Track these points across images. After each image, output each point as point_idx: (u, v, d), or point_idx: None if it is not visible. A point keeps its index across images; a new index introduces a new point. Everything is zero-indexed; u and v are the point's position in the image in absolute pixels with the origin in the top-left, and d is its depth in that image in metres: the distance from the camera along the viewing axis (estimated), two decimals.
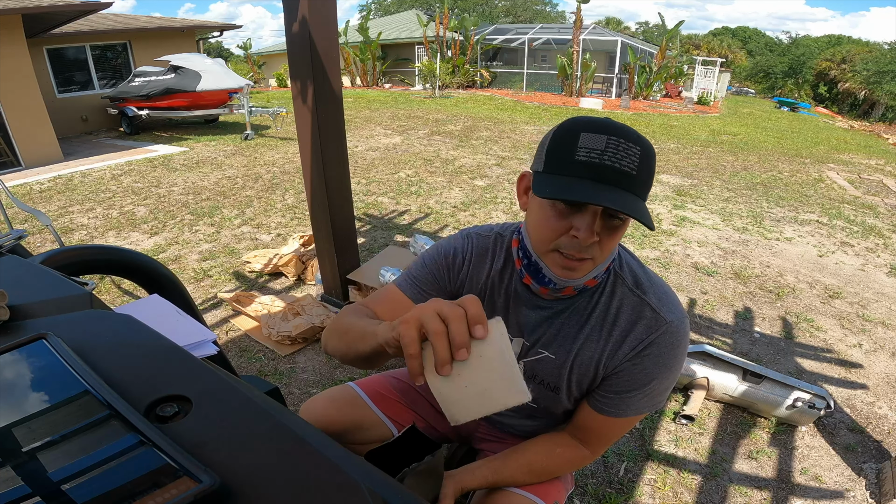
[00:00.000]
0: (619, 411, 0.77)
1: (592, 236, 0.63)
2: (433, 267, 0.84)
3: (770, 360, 2.31)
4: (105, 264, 0.96)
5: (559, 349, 0.79)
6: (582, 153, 0.61)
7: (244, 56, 22.70)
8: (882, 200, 5.28)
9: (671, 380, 0.76)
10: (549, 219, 0.66)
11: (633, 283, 0.76)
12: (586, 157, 0.61)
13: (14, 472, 0.26)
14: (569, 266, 0.68)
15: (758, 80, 31.97)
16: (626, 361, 0.74)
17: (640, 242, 3.66)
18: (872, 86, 21.55)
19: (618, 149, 0.60)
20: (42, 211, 3.64)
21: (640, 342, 0.73)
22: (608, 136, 0.61)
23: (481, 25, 18.60)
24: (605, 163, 0.60)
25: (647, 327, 0.73)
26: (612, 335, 0.75)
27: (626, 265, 0.78)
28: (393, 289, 0.84)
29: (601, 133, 0.61)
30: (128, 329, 0.43)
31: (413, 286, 0.83)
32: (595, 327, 0.76)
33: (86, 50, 9.02)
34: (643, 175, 0.62)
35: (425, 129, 8.49)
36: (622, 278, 0.76)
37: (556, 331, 0.79)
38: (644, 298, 0.74)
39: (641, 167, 0.61)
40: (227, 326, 2.44)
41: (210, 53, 16.38)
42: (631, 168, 0.60)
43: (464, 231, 0.87)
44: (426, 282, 0.84)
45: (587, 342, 0.77)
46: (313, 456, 0.27)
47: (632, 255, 0.81)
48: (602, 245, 0.66)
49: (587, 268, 0.69)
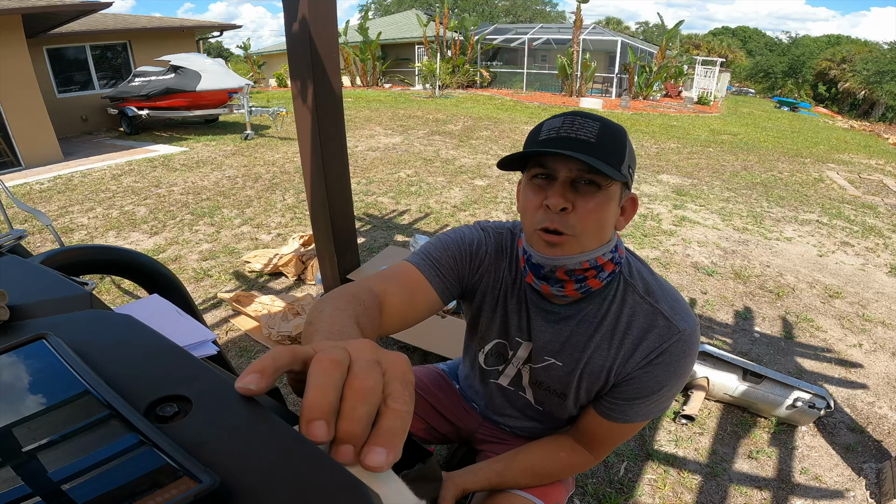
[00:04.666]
0: (626, 417, 0.76)
1: (563, 201, 0.65)
2: (456, 252, 0.79)
3: (770, 360, 2.31)
4: (105, 264, 0.95)
5: (568, 357, 0.78)
6: (543, 134, 0.67)
7: (244, 56, 22.70)
8: (882, 200, 5.28)
9: (679, 386, 0.76)
10: (528, 198, 0.70)
11: (645, 290, 0.75)
12: (546, 135, 0.66)
13: (14, 472, 0.26)
14: (551, 241, 0.67)
15: (758, 79, 31.98)
16: (639, 369, 0.73)
17: (639, 242, 3.66)
18: (872, 86, 21.56)
19: (573, 123, 0.65)
20: (42, 211, 3.63)
21: (653, 350, 0.72)
22: (565, 116, 0.67)
23: (481, 25, 18.60)
24: (562, 135, 0.65)
25: (661, 336, 0.72)
26: (623, 343, 0.74)
27: (636, 272, 0.77)
28: (408, 266, 0.76)
29: (561, 116, 0.67)
30: (128, 329, 0.43)
31: (432, 268, 0.76)
32: (606, 335, 0.75)
33: (86, 50, 9.02)
34: (604, 143, 0.64)
35: (425, 128, 8.49)
36: (633, 286, 0.75)
37: (566, 338, 0.78)
38: (656, 306, 0.73)
39: (601, 136, 0.64)
40: (227, 326, 2.44)
41: (210, 53, 16.40)
42: (588, 137, 0.64)
43: (479, 223, 0.84)
44: (447, 266, 0.77)
45: (598, 350, 0.76)
46: (313, 456, 0.27)
47: (642, 262, 0.80)
48: (580, 215, 0.66)
49: (572, 245, 0.67)
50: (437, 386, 1.08)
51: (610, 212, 0.68)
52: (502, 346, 0.86)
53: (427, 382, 1.08)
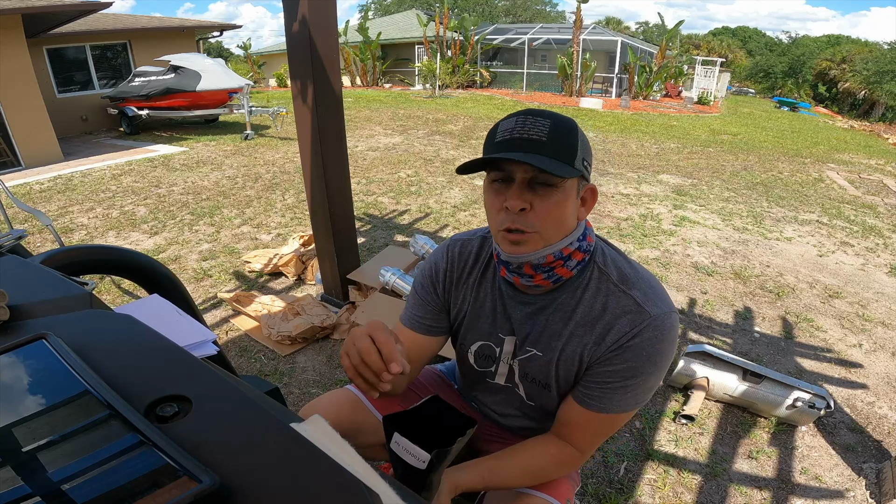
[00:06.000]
0: (602, 406, 0.77)
1: (521, 202, 0.68)
2: (422, 293, 0.90)
3: (770, 360, 2.31)
4: (105, 264, 0.95)
5: (546, 346, 0.80)
6: (499, 135, 0.69)
7: (244, 56, 22.69)
8: (882, 200, 5.28)
9: (657, 376, 0.76)
10: (490, 200, 0.73)
11: (619, 278, 0.76)
12: (501, 136, 0.69)
13: (14, 472, 0.26)
14: (514, 240, 0.71)
15: (758, 79, 31.98)
16: (610, 353, 0.75)
17: (640, 242, 3.66)
18: (872, 86, 21.56)
19: (525, 123, 0.68)
20: (42, 211, 3.64)
21: (624, 335, 0.73)
22: (518, 116, 0.69)
23: (481, 25, 18.60)
24: (515, 136, 0.67)
25: (631, 321, 0.73)
26: (594, 329, 0.76)
27: (610, 261, 0.79)
28: (400, 327, 0.92)
29: (514, 116, 0.69)
30: (128, 329, 0.43)
31: (412, 320, 0.90)
32: (580, 324, 0.77)
33: (86, 50, 9.01)
34: (554, 140, 0.67)
35: (425, 128, 8.49)
36: (607, 274, 0.77)
37: (542, 327, 0.80)
38: (629, 293, 0.75)
39: (551, 134, 0.67)
40: (227, 326, 2.44)
41: (210, 53, 16.39)
42: (539, 136, 0.67)
43: (448, 241, 0.91)
44: (422, 310, 0.90)
45: (572, 338, 0.78)
46: (313, 456, 0.27)
47: (617, 250, 0.82)
48: (539, 214, 0.69)
49: (535, 241, 0.71)
50: (437, 386, 1.08)
51: (569, 206, 0.71)
52: (487, 347, 0.88)
53: (426, 383, 1.08)
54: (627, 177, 5.67)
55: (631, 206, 4.54)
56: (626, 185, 5.32)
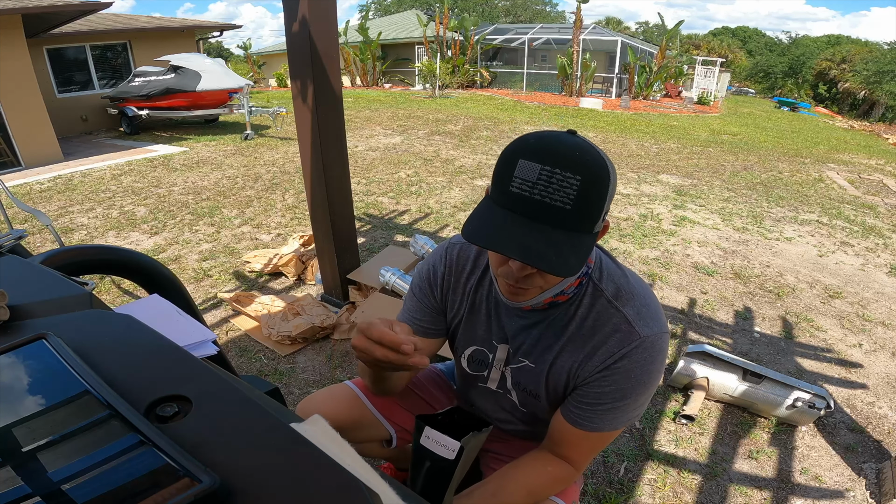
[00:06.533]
0: (593, 425, 0.76)
1: (523, 272, 0.65)
2: (420, 295, 0.89)
3: (770, 360, 2.31)
4: (105, 264, 0.96)
5: (538, 358, 0.80)
6: (515, 184, 0.59)
7: (244, 56, 22.70)
8: (882, 200, 5.28)
9: (647, 395, 0.76)
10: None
11: (613, 294, 0.74)
12: (518, 189, 0.59)
13: (14, 472, 0.26)
14: (514, 291, 0.69)
15: (758, 79, 31.98)
16: (597, 373, 0.74)
17: (639, 242, 3.66)
18: (872, 86, 21.57)
19: (550, 181, 0.57)
20: (42, 211, 3.63)
21: (612, 355, 0.72)
22: (542, 166, 0.57)
23: (481, 25, 18.59)
24: (535, 197, 0.58)
25: (620, 341, 0.72)
26: (585, 346, 0.75)
27: (606, 275, 0.76)
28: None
29: (537, 161, 0.58)
30: (128, 329, 0.43)
31: (409, 322, 0.89)
32: (571, 338, 0.76)
33: (86, 50, 9.02)
34: (581, 206, 0.58)
35: (425, 128, 8.49)
36: (601, 290, 0.75)
37: (535, 340, 0.80)
38: (622, 311, 0.73)
39: (579, 198, 0.57)
40: (227, 326, 2.44)
41: (210, 53, 16.39)
42: (564, 202, 0.57)
43: (446, 243, 0.90)
44: (419, 312, 0.89)
45: (563, 352, 0.77)
46: (313, 456, 0.27)
47: (615, 261, 0.80)
48: (547, 278, 0.67)
49: (535, 293, 0.70)
50: (436, 386, 1.09)
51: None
52: (480, 353, 0.88)
53: (425, 382, 1.08)
54: (627, 177, 5.68)
55: (631, 206, 4.54)
56: (626, 185, 5.32)
